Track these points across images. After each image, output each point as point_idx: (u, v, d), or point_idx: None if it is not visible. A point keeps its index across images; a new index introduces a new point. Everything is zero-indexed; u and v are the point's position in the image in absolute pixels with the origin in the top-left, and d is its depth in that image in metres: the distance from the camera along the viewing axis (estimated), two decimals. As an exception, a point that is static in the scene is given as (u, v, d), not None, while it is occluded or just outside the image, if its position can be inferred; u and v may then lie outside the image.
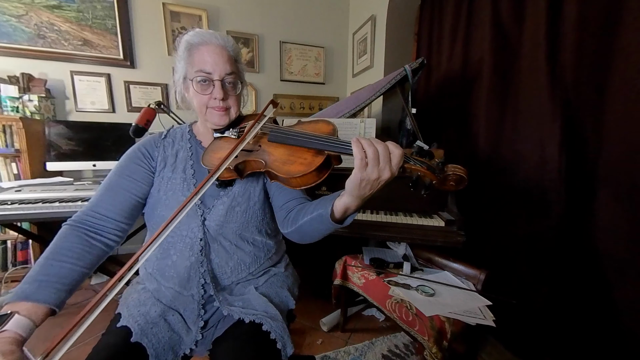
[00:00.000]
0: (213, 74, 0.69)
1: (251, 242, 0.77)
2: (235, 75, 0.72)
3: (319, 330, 1.48)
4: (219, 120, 0.72)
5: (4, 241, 1.83)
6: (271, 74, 2.61)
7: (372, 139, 0.51)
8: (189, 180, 0.74)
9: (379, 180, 0.50)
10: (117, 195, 0.71)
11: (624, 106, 0.98)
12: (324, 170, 0.59)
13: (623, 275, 1.00)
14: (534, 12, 1.23)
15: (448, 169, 0.52)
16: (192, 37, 0.70)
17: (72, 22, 2.01)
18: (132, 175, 0.73)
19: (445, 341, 0.96)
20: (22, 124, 1.71)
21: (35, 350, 0.52)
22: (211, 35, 0.70)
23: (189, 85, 0.71)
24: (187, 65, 0.71)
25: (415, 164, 0.52)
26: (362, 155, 0.49)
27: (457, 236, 1.19)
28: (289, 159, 0.62)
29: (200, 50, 0.69)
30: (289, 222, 0.71)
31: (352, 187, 0.53)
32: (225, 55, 0.70)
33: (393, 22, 2.17)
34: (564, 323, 1.16)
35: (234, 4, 2.39)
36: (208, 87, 0.70)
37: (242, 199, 0.75)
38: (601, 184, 1.06)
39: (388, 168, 0.49)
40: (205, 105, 0.71)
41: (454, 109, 1.70)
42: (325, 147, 0.57)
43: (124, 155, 0.76)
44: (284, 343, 0.66)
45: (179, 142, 0.79)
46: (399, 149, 0.50)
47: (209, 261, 0.72)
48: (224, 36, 0.72)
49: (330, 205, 0.59)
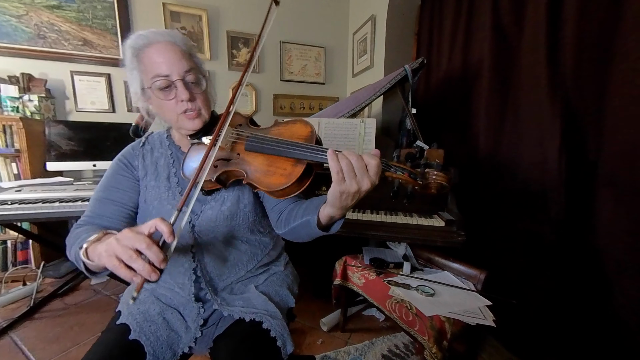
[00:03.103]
0: (171, 75, 0.62)
1: (245, 241, 0.76)
2: (195, 71, 0.66)
3: (319, 330, 1.48)
4: (192, 126, 0.67)
5: (4, 241, 1.83)
6: (271, 74, 2.62)
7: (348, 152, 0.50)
8: (174, 189, 0.72)
9: (359, 191, 0.49)
10: (108, 209, 0.70)
11: (624, 106, 0.98)
12: (306, 180, 0.58)
13: (623, 275, 0.99)
14: (534, 12, 1.23)
15: (429, 176, 0.51)
16: (134, 41, 0.64)
17: (72, 22, 2.01)
18: (119, 187, 0.71)
19: (445, 341, 0.96)
20: (22, 124, 1.71)
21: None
22: (155, 34, 0.64)
23: (150, 95, 0.65)
24: (140, 74, 0.65)
25: (396, 172, 0.51)
26: (338, 169, 0.48)
27: (457, 236, 1.19)
28: (269, 170, 0.60)
29: (148, 53, 0.63)
30: (282, 224, 0.70)
31: (332, 199, 0.52)
32: (177, 52, 0.64)
33: (393, 22, 2.17)
34: (564, 323, 1.16)
35: (234, 4, 2.40)
36: (170, 91, 0.64)
37: (232, 203, 0.72)
38: (601, 184, 1.06)
39: (367, 179, 0.49)
40: (175, 112, 0.65)
41: (454, 109, 1.70)
42: (304, 156, 0.56)
43: (108, 169, 0.75)
44: (284, 341, 0.66)
45: (158, 149, 0.77)
46: (374, 159, 0.49)
47: (203, 266, 0.71)
48: (169, 31, 0.66)
49: (316, 213, 0.58)
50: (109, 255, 0.46)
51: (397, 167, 0.52)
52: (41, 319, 1.52)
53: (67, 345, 1.33)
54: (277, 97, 2.65)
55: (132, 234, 0.45)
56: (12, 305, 1.63)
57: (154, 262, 0.44)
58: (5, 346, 1.33)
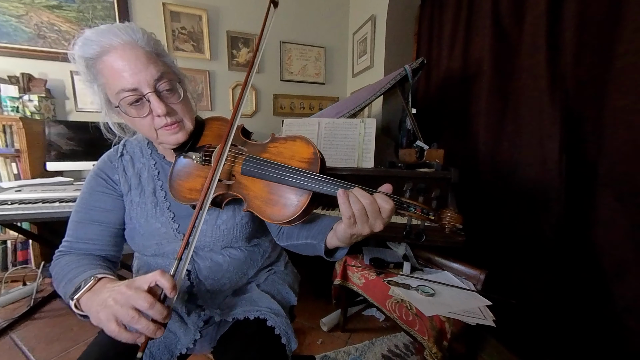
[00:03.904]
0: (140, 88, 0.52)
1: (244, 249, 0.73)
2: (168, 76, 0.55)
3: (319, 330, 1.48)
4: (175, 140, 0.59)
5: (4, 241, 1.83)
6: (271, 74, 2.61)
7: (359, 193, 0.47)
8: (162, 204, 0.65)
9: (371, 232, 0.48)
10: (92, 231, 0.63)
11: (624, 106, 0.98)
12: (311, 208, 0.54)
13: (623, 275, 1.00)
14: (534, 12, 1.23)
15: (444, 216, 0.48)
16: (84, 50, 0.51)
17: (73, 22, 2.00)
18: (102, 205, 0.64)
19: (445, 341, 0.96)
20: (22, 124, 1.71)
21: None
22: (108, 34, 0.51)
23: (119, 112, 0.55)
24: (102, 88, 0.55)
25: (409, 209, 0.49)
26: (350, 214, 0.46)
27: (457, 236, 1.18)
28: (270, 198, 0.55)
29: (106, 62, 0.51)
30: (283, 237, 0.69)
31: (343, 237, 0.51)
32: (141, 56, 0.52)
33: (393, 22, 2.17)
34: (564, 323, 1.16)
35: (234, 4, 2.39)
36: (143, 106, 0.54)
37: (227, 217, 0.67)
38: (601, 183, 1.06)
39: (379, 222, 0.47)
40: (153, 127, 0.56)
41: (454, 108, 1.70)
42: (310, 187, 0.51)
43: (84, 184, 0.66)
44: (288, 338, 0.66)
45: (139, 160, 0.68)
46: (388, 204, 0.46)
47: (201, 283, 0.68)
48: (126, 26, 0.53)
49: (323, 240, 0.57)
50: (109, 320, 0.42)
51: (409, 204, 0.49)
52: (41, 319, 1.52)
53: (67, 345, 1.33)
54: (277, 97, 2.65)
55: (132, 292, 0.42)
56: (12, 305, 1.63)
57: (158, 320, 0.42)
58: (5, 346, 1.33)
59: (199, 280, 0.68)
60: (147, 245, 0.67)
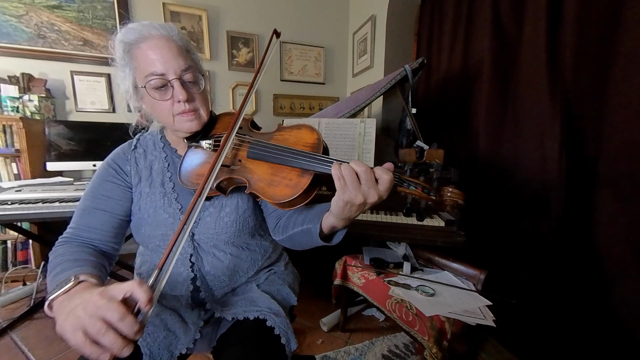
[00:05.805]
0: (167, 74, 0.58)
1: (246, 247, 0.75)
2: (193, 69, 0.62)
3: (319, 330, 1.48)
4: (189, 127, 0.63)
5: (4, 241, 1.83)
6: (271, 74, 2.61)
7: (356, 162, 0.47)
8: (170, 195, 0.68)
9: (364, 203, 0.47)
10: (97, 219, 0.65)
11: (624, 106, 0.98)
12: (312, 191, 0.55)
13: (623, 275, 1.00)
14: (534, 12, 1.23)
15: (445, 193, 0.48)
16: (126, 35, 0.59)
17: (73, 22, 2.00)
18: (109, 195, 0.67)
19: (445, 341, 0.96)
20: (22, 124, 1.71)
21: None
22: (149, 27, 0.59)
23: (143, 94, 0.61)
24: (133, 72, 0.61)
25: (409, 187, 0.48)
26: (339, 175, 0.47)
27: (457, 236, 1.19)
28: (273, 180, 0.57)
29: (142, 49, 0.58)
30: (280, 230, 0.69)
31: (336, 208, 0.50)
32: (173, 48, 0.59)
33: (393, 22, 2.17)
34: (564, 323, 1.16)
35: (234, 4, 2.40)
36: (167, 92, 0.60)
37: (231, 209, 0.69)
38: (601, 183, 1.06)
39: (374, 191, 0.46)
40: (171, 113, 0.61)
41: (454, 108, 1.70)
42: (312, 167, 0.52)
43: (95, 174, 0.69)
44: (288, 338, 0.66)
45: (151, 152, 0.72)
46: (387, 174, 0.46)
47: (202, 276, 0.70)
48: (165, 24, 0.61)
49: (319, 222, 0.56)
50: (74, 330, 0.37)
51: (410, 182, 0.49)
52: (41, 319, 1.52)
53: (67, 345, 1.33)
54: (277, 97, 2.65)
55: (103, 302, 0.37)
56: (12, 305, 1.63)
57: (127, 335, 0.37)
58: (5, 346, 1.33)
59: (201, 274, 0.69)
60: (153, 235, 0.68)
